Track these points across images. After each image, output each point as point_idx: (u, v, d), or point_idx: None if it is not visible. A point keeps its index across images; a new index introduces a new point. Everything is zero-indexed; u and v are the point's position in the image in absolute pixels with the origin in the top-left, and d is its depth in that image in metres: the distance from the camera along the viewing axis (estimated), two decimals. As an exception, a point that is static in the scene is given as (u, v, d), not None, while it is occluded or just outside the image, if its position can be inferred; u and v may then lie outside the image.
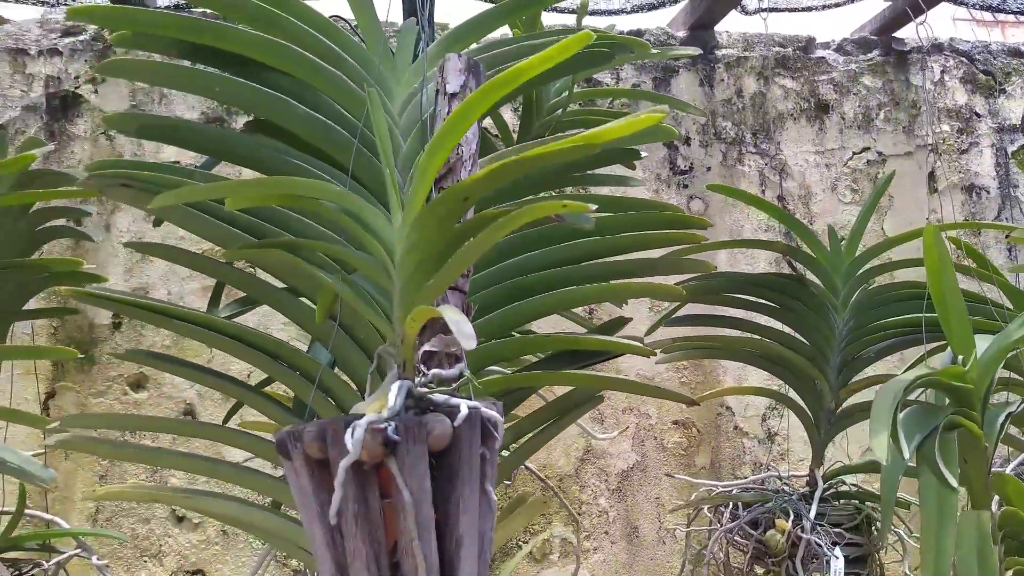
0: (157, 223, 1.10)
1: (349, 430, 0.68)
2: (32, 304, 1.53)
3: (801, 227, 1.49)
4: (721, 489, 1.61)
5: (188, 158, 2.00)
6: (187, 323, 0.95)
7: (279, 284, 1.02)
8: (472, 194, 0.69)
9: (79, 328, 1.98)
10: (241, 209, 0.99)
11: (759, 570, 1.50)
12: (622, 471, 2.11)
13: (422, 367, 0.80)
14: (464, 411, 0.71)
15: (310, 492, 0.72)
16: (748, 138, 2.33)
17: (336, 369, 1.04)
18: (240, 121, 2.13)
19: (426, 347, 0.78)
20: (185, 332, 0.94)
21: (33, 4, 2.17)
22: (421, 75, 1.17)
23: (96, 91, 2.13)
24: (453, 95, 0.85)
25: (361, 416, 0.71)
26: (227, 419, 1.12)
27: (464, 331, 0.62)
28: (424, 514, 0.70)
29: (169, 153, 2.08)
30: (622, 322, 1.17)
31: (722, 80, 2.36)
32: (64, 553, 1.54)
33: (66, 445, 0.98)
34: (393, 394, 0.70)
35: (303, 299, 1.02)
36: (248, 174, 1.59)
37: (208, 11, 1.33)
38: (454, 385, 0.78)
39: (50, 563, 1.52)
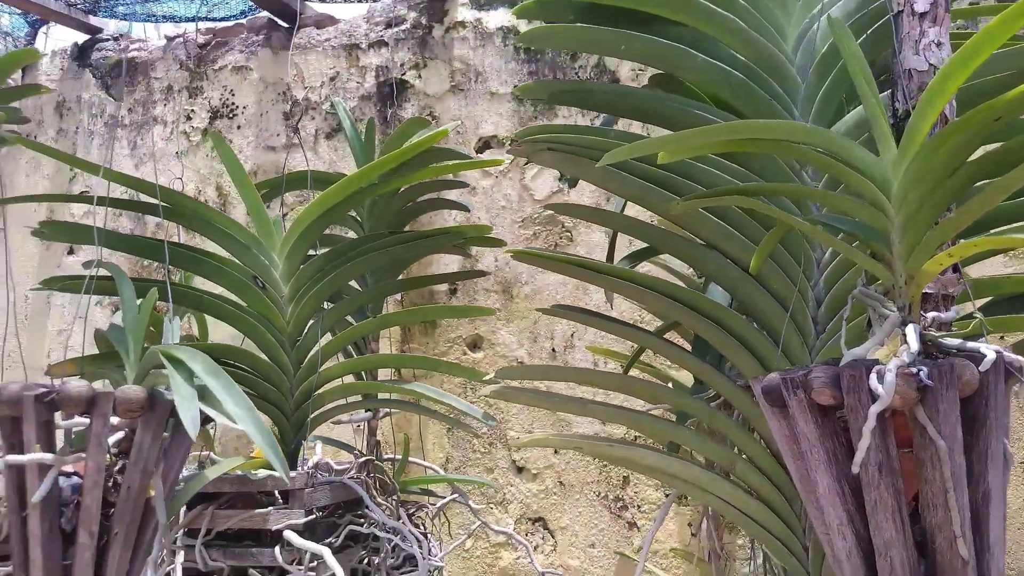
0: (572, 184, 1.15)
1: (874, 375, 0.65)
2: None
3: None
4: None
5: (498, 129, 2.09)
6: (597, 272, 0.98)
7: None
8: (1007, 114, 0.62)
9: (420, 295, 2.17)
10: (655, 164, 1.00)
11: None
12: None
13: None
14: (991, 355, 0.66)
15: (814, 440, 0.71)
16: None
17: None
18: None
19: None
20: (595, 280, 0.97)
21: (357, 1, 2.39)
22: (809, 11, 1.11)
23: (420, 76, 2.30)
24: (923, 14, 0.78)
25: (873, 361, 0.68)
26: (627, 369, 1.15)
27: None
28: (956, 464, 0.65)
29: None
30: None
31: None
32: (443, 498, 1.71)
33: (498, 395, 1.07)
34: (912, 337, 0.67)
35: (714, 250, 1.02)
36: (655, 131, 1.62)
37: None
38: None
39: (435, 507, 1.69)
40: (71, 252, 2.58)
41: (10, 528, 0.83)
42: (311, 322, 1.18)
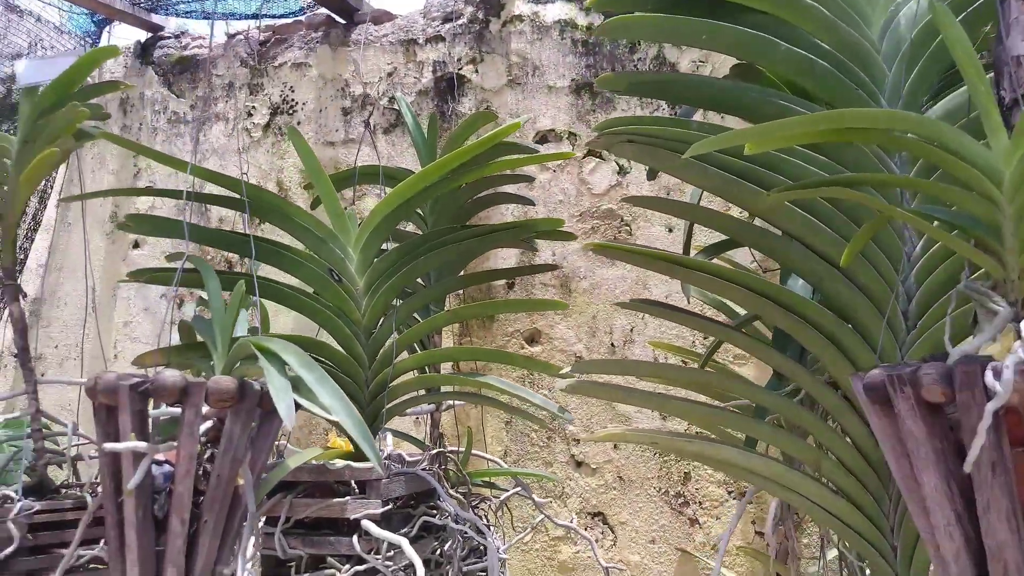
0: (651, 175, 1.14)
1: (990, 371, 0.63)
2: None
3: None
4: None
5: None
6: (679, 265, 0.96)
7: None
8: None
9: (479, 289, 2.17)
10: (737, 156, 0.98)
11: None
12: None
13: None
14: (1114, 352, 0.63)
15: (921, 438, 0.69)
16: None
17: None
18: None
19: (1037, 283, 0.70)
20: (674, 273, 0.96)
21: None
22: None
23: (476, 70, 2.30)
24: (1035, -2, 0.75)
25: (987, 358, 0.65)
26: (703, 364, 1.14)
27: None
28: (1078, 465, 0.63)
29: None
30: None
31: None
32: (506, 491, 1.71)
33: (576, 389, 1.06)
34: (1029, 333, 0.64)
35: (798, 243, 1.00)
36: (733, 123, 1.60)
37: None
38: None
39: (499, 499, 1.69)
40: (136, 246, 2.64)
41: (105, 514, 0.85)
42: (384, 316, 1.18)
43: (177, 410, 0.88)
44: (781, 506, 1.58)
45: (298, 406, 0.85)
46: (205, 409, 0.87)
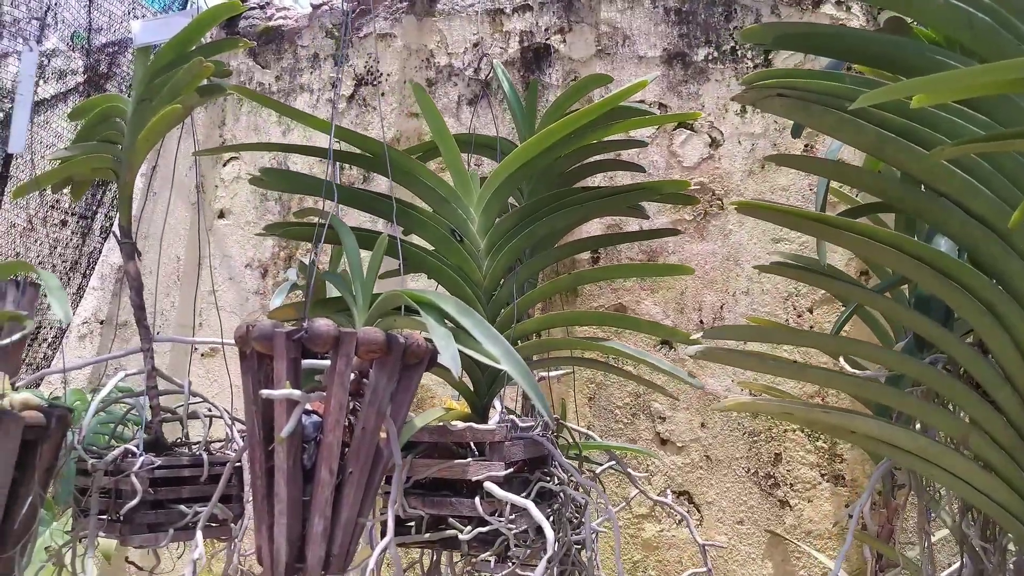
0: (797, 132, 1.10)
1: None
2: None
3: None
4: None
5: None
6: (829, 225, 0.93)
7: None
8: None
9: (562, 263, 2.15)
10: (893, 112, 0.94)
11: None
12: None
13: None
14: None
15: None
16: None
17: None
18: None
19: None
20: (824, 235, 0.92)
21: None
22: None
23: (564, 40, 2.26)
24: None
25: None
26: (837, 330, 1.10)
27: None
28: None
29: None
30: None
31: None
32: (600, 465, 1.69)
33: (707, 355, 1.03)
34: None
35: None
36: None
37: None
38: None
39: (595, 472, 1.67)
40: (221, 216, 2.68)
41: (252, 463, 0.85)
42: (504, 278, 1.17)
43: (317, 362, 0.88)
44: (885, 485, 1.54)
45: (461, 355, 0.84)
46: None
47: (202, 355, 2.60)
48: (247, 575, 1.49)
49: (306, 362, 0.89)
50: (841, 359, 1.22)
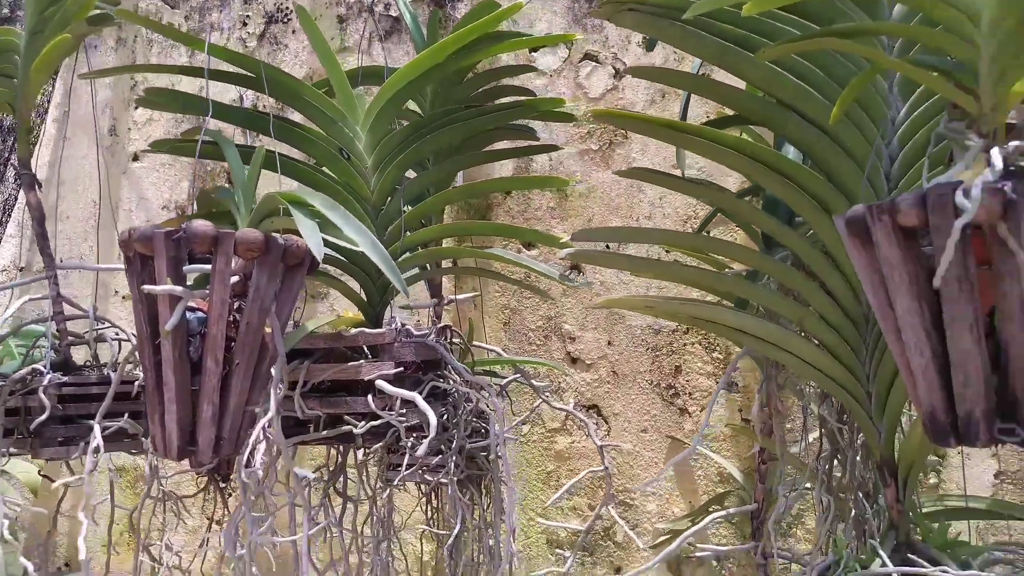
0: (650, 46, 1.18)
1: (959, 192, 0.69)
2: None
3: None
4: None
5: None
6: (684, 133, 1.02)
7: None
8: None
9: (475, 204, 2.22)
10: (734, 23, 1.02)
11: None
12: None
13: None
14: (1077, 175, 0.69)
15: (896, 262, 0.75)
16: None
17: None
18: None
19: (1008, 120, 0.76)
20: (679, 141, 1.01)
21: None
22: None
23: (472, -26, 2.29)
24: None
25: (958, 182, 0.72)
26: (700, 229, 1.20)
27: None
28: (1034, 278, 0.70)
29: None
30: None
31: None
32: (505, 378, 1.79)
33: (578, 256, 1.12)
34: (996, 158, 0.70)
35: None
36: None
37: None
38: None
39: (499, 385, 1.77)
40: (135, 159, 2.66)
41: (141, 357, 0.92)
42: (392, 194, 1.24)
43: (205, 267, 0.94)
44: (766, 390, 1.68)
45: (326, 243, 0.91)
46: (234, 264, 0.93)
47: (123, 297, 2.61)
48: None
49: (195, 266, 0.95)
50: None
